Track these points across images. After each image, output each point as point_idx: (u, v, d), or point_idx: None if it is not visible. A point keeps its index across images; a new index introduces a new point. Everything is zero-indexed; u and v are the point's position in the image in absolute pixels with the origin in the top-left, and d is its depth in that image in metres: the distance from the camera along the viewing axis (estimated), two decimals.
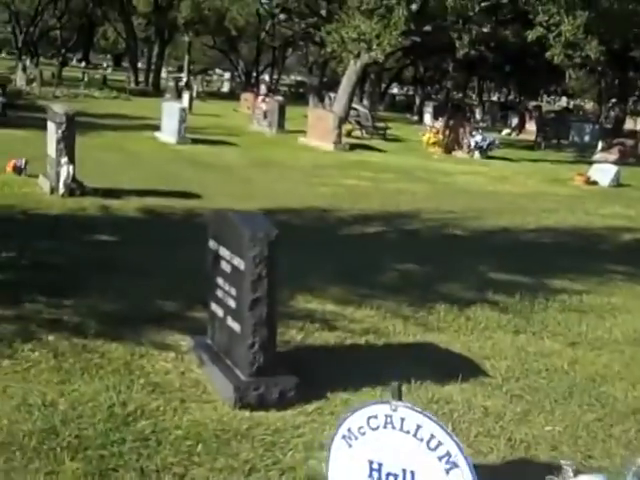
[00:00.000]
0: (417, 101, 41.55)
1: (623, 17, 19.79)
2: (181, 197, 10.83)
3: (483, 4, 20.96)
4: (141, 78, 46.38)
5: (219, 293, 4.71)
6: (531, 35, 19.71)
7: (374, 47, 19.84)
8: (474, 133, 20.93)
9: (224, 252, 4.59)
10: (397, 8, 19.19)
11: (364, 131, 24.10)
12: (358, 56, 21.28)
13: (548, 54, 19.84)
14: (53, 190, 10.25)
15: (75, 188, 10.30)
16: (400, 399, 2.38)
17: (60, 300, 5.80)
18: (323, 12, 33.73)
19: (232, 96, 46.49)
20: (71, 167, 10.26)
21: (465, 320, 6.14)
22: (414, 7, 20.51)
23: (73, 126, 10.54)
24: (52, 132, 10.61)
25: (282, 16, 42.02)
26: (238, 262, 4.36)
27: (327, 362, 5.06)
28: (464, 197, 13.29)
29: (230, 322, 4.57)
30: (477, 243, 9.47)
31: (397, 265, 7.81)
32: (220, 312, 4.72)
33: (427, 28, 21.92)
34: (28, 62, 43.94)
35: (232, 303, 4.52)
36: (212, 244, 4.79)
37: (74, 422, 3.97)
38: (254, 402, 4.31)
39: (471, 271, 7.76)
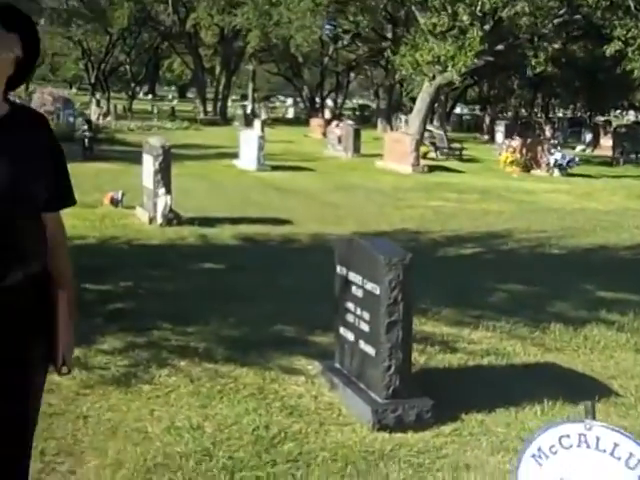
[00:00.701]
0: (487, 120, 41.34)
1: None
2: (272, 223, 11.02)
3: (556, 20, 20.86)
4: (207, 107, 47.20)
5: (349, 317, 4.81)
6: (609, 49, 19.52)
7: (449, 68, 19.92)
8: (553, 151, 20.77)
9: (355, 277, 4.69)
10: (471, 29, 19.24)
11: (439, 152, 24.11)
12: (433, 78, 21.36)
13: (628, 67, 19.60)
14: (152, 220, 10.56)
15: (172, 218, 10.58)
16: (594, 418, 2.42)
17: (184, 327, 5.97)
18: (389, 35, 33.90)
19: (297, 122, 47.03)
20: (168, 198, 10.55)
21: (583, 339, 6.11)
22: (487, 27, 20.53)
23: (169, 158, 10.86)
24: (149, 164, 10.93)
25: (346, 41, 42.35)
26: (372, 287, 4.45)
27: (455, 383, 5.11)
28: (552, 215, 13.19)
29: (363, 346, 4.65)
30: (577, 261, 9.40)
31: (502, 286, 7.82)
32: (351, 336, 4.81)
33: (500, 47, 21.90)
34: (99, 97, 45.20)
35: (365, 327, 4.61)
36: (340, 269, 4.89)
37: (224, 444, 4.09)
38: (392, 424, 4.38)
39: (578, 290, 7.72)
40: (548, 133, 35.56)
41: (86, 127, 19.60)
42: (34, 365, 2.58)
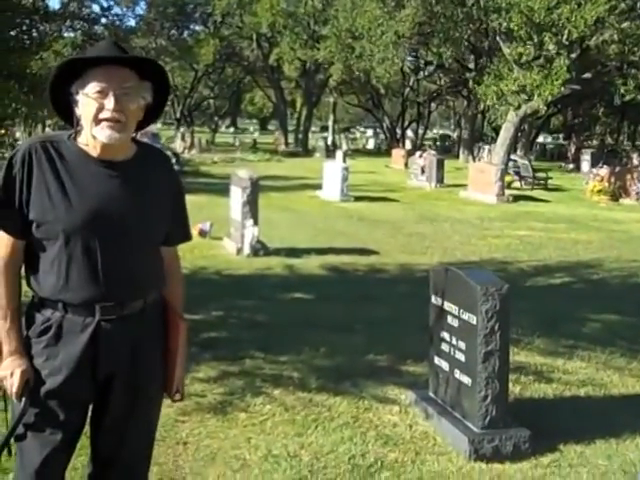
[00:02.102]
0: (572, 149, 40.66)
1: None
2: (359, 253, 11.06)
3: None
4: (289, 139, 47.80)
5: (444, 347, 4.80)
6: None
7: (535, 98, 19.71)
8: None
9: (450, 307, 4.68)
10: (558, 58, 19.02)
11: (523, 182, 23.82)
12: (518, 108, 21.17)
13: None
14: (239, 251, 10.72)
15: (259, 248, 10.73)
16: None
17: (276, 356, 6.04)
18: (471, 65, 33.79)
19: (378, 152, 47.12)
20: (256, 229, 10.71)
21: None
22: (574, 55, 20.27)
23: (257, 190, 11.04)
24: (237, 196, 11.13)
25: (427, 72, 42.38)
26: (469, 316, 4.44)
27: (551, 414, 5.03)
28: None
29: (458, 375, 4.63)
30: None
31: (595, 316, 7.66)
32: (446, 365, 4.80)
33: (587, 75, 21.58)
34: (183, 130, 46.25)
35: (461, 357, 4.59)
36: (435, 299, 4.89)
37: (321, 472, 4.13)
38: (489, 454, 4.34)
39: None
40: (636, 161, 34.70)
41: (174, 161, 20.06)
42: (152, 396, 2.68)
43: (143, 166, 2.51)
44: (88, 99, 2.37)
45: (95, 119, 2.37)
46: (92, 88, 2.36)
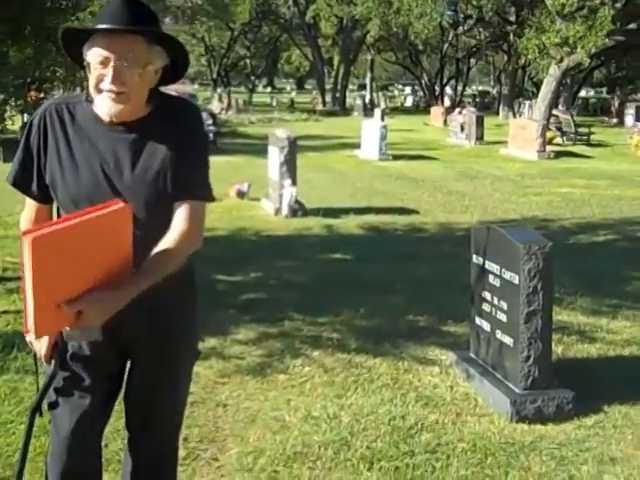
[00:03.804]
0: (615, 103, 39.84)
1: None
2: (398, 213, 10.98)
3: None
4: (326, 98, 47.50)
5: (486, 307, 4.72)
6: None
7: (578, 50, 19.25)
8: None
9: (492, 266, 4.60)
10: (602, 7, 18.51)
11: (565, 138, 23.40)
12: (560, 61, 20.69)
13: None
14: (277, 212, 10.69)
15: (297, 209, 10.69)
16: None
17: (315, 317, 6.02)
18: (512, 18, 33.09)
19: (417, 110, 46.68)
20: (294, 189, 10.66)
21: None
22: (619, 5, 19.71)
23: (294, 149, 10.97)
24: (274, 156, 11.07)
25: (467, 26, 41.64)
26: (511, 276, 4.36)
27: (595, 374, 4.94)
28: None
29: (500, 336, 4.56)
30: None
31: (639, 274, 7.52)
32: (487, 326, 4.73)
33: (632, 26, 20.99)
34: (220, 91, 46.18)
35: (503, 317, 4.52)
36: (477, 258, 4.81)
37: (361, 434, 4.10)
38: (531, 415, 4.28)
39: None
40: None
41: (211, 122, 20.04)
42: (179, 362, 2.64)
43: (158, 123, 2.41)
44: (91, 67, 2.31)
45: (96, 88, 2.32)
46: (94, 57, 2.29)
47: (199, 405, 4.38)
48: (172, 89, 2.66)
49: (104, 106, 2.32)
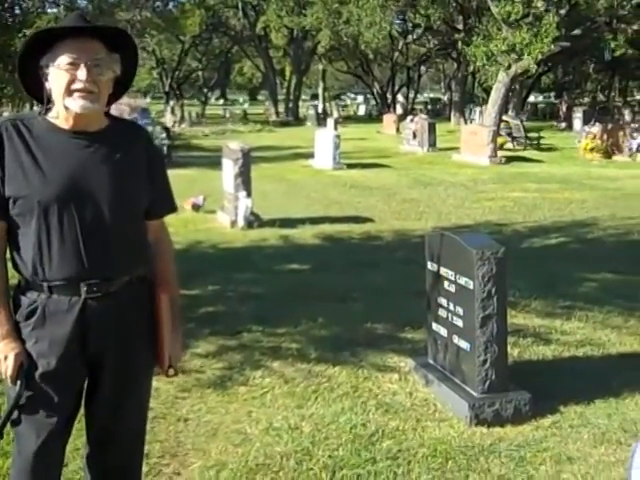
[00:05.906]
0: (563, 107, 40.52)
1: None
2: (354, 222, 11.04)
3: (634, 1, 20.24)
4: (279, 109, 47.53)
5: (442, 313, 4.78)
6: None
7: (525, 57, 19.57)
8: (635, 135, 20.20)
9: (446, 272, 4.66)
10: (546, 15, 18.85)
11: (516, 143, 23.74)
12: (508, 68, 21.01)
13: None
14: (233, 224, 10.68)
15: (253, 220, 10.69)
16: None
17: (274, 329, 6.03)
18: (460, 26, 33.48)
19: (369, 119, 46.93)
20: (249, 201, 10.67)
21: None
22: (563, 12, 20.08)
23: (249, 161, 10.98)
24: (229, 168, 11.07)
25: (416, 35, 42.04)
26: (465, 281, 4.43)
27: (550, 375, 5.03)
28: (638, 201, 12.84)
29: (457, 341, 4.63)
30: None
31: (592, 275, 7.67)
32: (444, 331, 4.79)
33: (576, 32, 21.41)
34: (173, 104, 45.94)
35: (459, 322, 4.58)
36: (431, 265, 4.87)
37: (323, 443, 4.12)
38: (490, 418, 4.34)
39: None
40: (628, 117, 34.61)
41: (164, 135, 19.94)
42: (143, 372, 2.67)
43: (117, 136, 2.51)
44: (59, 71, 2.37)
45: (67, 90, 2.37)
46: (63, 60, 2.36)
47: (160, 420, 4.36)
48: (125, 103, 2.75)
49: (75, 105, 2.38)
